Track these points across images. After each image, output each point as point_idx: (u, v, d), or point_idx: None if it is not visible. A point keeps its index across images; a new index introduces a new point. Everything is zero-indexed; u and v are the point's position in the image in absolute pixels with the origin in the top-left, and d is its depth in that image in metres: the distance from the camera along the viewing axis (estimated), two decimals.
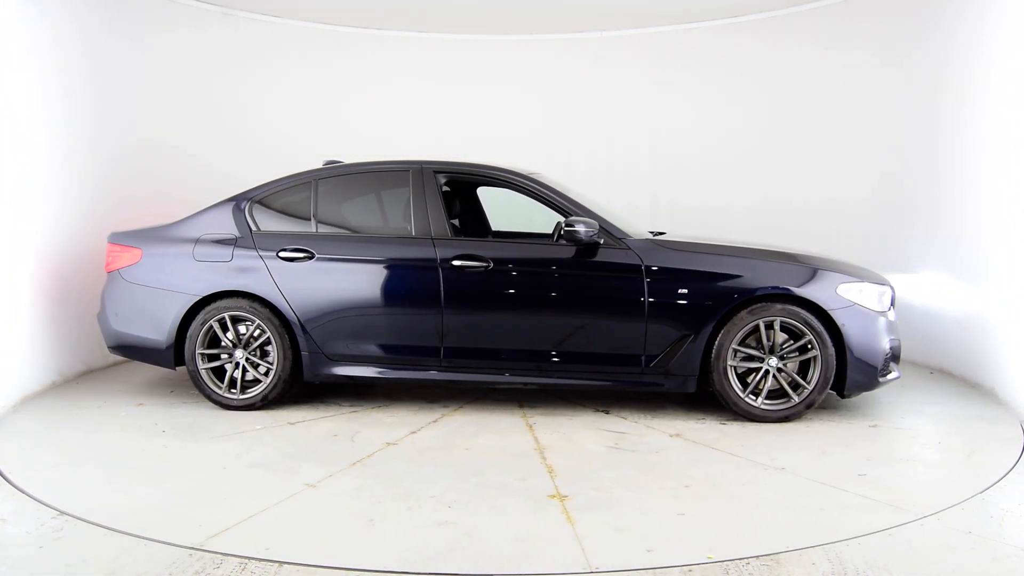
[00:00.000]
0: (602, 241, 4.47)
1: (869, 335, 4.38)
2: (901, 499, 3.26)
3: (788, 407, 4.41)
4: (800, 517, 3.08)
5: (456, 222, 4.93)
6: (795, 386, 4.41)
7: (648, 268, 4.42)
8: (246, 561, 2.66)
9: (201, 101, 6.70)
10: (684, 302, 4.40)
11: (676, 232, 5.70)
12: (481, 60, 7.61)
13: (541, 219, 5.16)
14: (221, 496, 3.31)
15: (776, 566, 2.67)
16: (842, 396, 4.51)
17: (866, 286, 4.47)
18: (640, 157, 7.59)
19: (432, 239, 4.58)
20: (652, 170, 7.55)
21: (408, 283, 4.58)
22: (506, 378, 4.56)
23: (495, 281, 4.51)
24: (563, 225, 4.41)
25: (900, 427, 4.35)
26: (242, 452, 3.90)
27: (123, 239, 4.86)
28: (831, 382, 4.37)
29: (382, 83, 7.49)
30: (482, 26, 7.29)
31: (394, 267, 4.59)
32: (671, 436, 4.19)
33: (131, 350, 4.85)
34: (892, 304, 4.75)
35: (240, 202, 4.81)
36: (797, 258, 4.53)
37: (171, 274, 4.71)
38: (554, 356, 4.50)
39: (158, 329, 4.70)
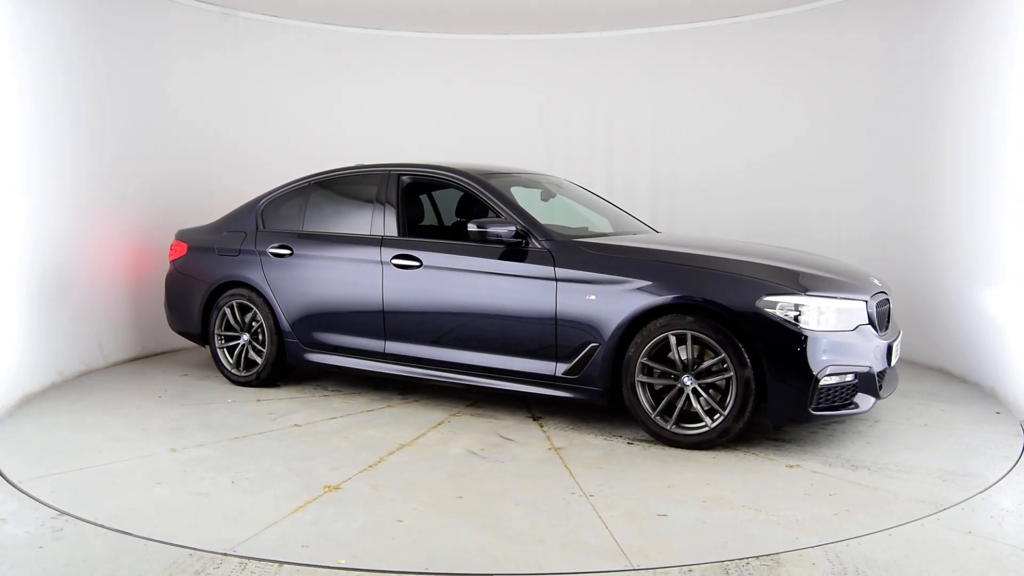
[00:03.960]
0: (524, 243, 4.34)
1: (794, 357, 3.66)
2: (647, 547, 2.79)
3: (700, 433, 3.87)
4: (494, 544, 2.82)
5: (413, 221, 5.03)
6: (715, 411, 3.86)
7: (559, 270, 4.19)
8: (246, 561, 2.68)
9: (200, 101, 6.72)
10: (590, 308, 4.09)
11: (672, 233, 5.39)
12: (481, 60, 7.62)
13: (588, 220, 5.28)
14: (99, 451, 3.93)
15: (776, 566, 2.62)
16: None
17: (809, 300, 3.73)
18: (640, 156, 7.42)
19: (382, 239, 4.82)
20: (653, 170, 7.39)
21: (361, 280, 4.84)
22: (435, 375, 4.63)
23: (426, 281, 4.61)
24: (475, 227, 4.35)
25: (821, 471, 3.56)
26: (178, 418, 4.54)
27: (180, 235, 5.83)
28: (749, 408, 3.75)
29: (381, 83, 7.61)
30: (482, 26, 7.29)
31: (351, 264, 4.89)
32: (549, 449, 3.95)
33: (182, 332, 5.81)
34: (872, 323, 3.91)
35: (256, 203, 5.51)
36: (730, 263, 3.96)
37: (200, 265, 5.57)
38: (474, 357, 4.47)
39: (193, 312, 5.59)
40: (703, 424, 3.86)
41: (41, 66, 5.16)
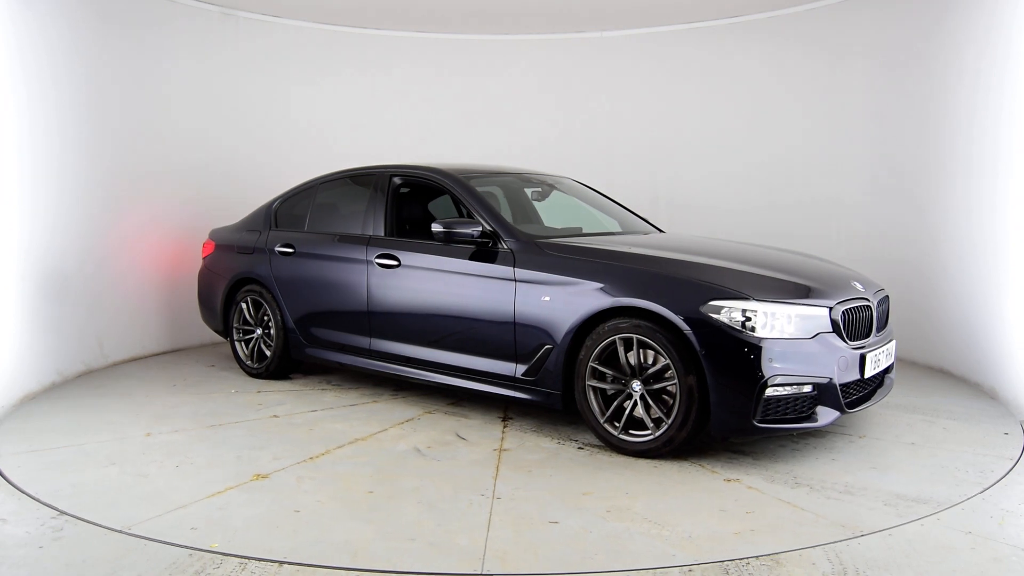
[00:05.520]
0: (491, 243, 4.32)
1: (735, 365, 3.45)
2: (511, 554, 2.73)
3: (645, 441, 3.72)
4: (365, 540, 2.83)
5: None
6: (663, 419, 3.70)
7: (518, 271, 4.15)
8: (246, 561, 2.68)
9: (199, 100, 6.71)
10: (544, 310, 4.02)
11: (674, 233, 5.34)
12: (481, 60, 7.54)
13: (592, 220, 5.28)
14: (84, 432, 4.24)
15: (776, 566, 2.64)
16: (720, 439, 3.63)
17: (758, 305, 3.50)
18: (640, 156, 7.32)
19: (368, 238, 4.93)
20: (653, 169, 7.29)
21: (350, 278, 4.96)
22: (413, 373, 4.68)
23: (404, 280, 4.67)
24: (440, 227, 4.36)
25: (757, 487, 3.33)
26: (175, 405, 4.82)
27: (211, 234, 6.18)
28: (692, 417, 3.57)
29: (381, 84, 7.55)
30: (482, 26, 7.23)
31: (343, 263, 5.02)
32: (494, 450, 3.92)
33: (211, 327, 6.16)
34: (837, 331, 3.63)
35: (271, 204, 5.77)
36: (683, 266, 3.79)
37: (223, 263, 5.88)
38: (447, 356, 4.49)
39: (216, 307, 5.91)
40: (649, 432, 3.71)
41: (34, 64, 5.12)
